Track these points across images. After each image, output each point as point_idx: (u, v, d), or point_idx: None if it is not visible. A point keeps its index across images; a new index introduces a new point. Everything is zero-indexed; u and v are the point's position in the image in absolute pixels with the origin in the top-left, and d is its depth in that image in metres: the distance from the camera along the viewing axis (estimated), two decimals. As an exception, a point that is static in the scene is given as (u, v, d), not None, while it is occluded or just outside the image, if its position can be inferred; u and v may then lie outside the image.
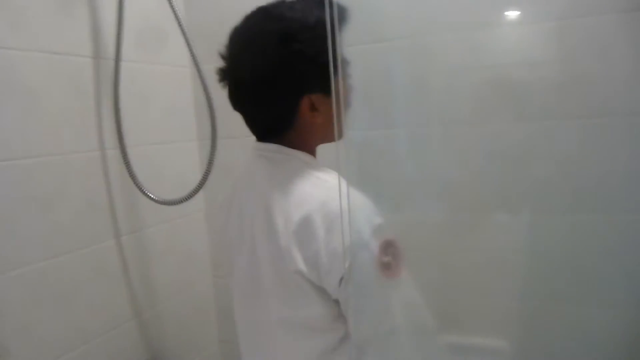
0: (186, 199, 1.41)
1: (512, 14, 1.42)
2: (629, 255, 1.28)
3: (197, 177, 1.44)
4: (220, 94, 0.92)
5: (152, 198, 1.40)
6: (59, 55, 1.26)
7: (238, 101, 0.89)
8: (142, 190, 1.39)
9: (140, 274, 1.52)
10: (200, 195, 1.52)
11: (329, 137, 0.89)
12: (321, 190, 0.81)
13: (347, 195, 0.79)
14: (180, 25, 1.35)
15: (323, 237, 0.77)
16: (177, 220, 1.67)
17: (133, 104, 1.47)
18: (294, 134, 0.87)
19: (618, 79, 1.30)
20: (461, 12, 1.38)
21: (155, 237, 1.58)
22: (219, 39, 0.89)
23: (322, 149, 0.92)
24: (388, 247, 0.79)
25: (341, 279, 0.77)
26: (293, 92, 0.83)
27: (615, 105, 1.31)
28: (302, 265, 0.78)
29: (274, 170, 0.86)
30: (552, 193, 1.35)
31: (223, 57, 0.89)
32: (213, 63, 0.90)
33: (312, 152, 0.90)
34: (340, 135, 0.86)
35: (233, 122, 0.99)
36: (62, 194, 1.27)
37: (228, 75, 0.89)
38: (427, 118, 1.47)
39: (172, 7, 1.35)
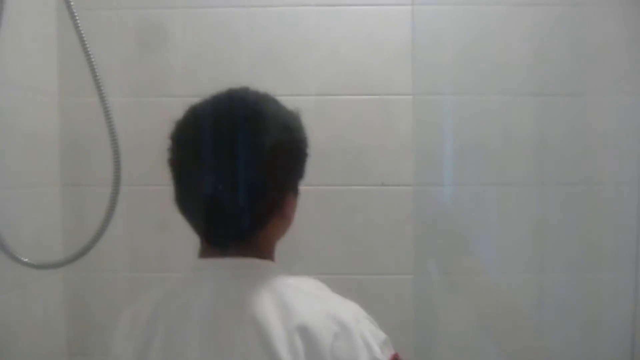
0: (71, 261, 1.10)
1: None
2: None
3: (57, 231, 1.15)
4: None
5: (24, 261, 1.06)
6: None
7: (214, 189, 0.68)
8: (8, 251, 1.04)
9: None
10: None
11: (280, 237, 0.78)
12: (321, 306, 0.69)
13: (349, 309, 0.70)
14: (84, 47, 1.11)
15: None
16: (32, 284, 1.30)
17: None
18: (262, 237, 0.73)
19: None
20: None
21: (7, 307, 1.20)
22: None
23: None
24: None
25: None
26: (287, 183, 0.73)
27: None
28: None
29: (255, 294, 0.68)
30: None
31: (182, 143, 0.70)
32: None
33: (273, 257, 0.77)
34: None
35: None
36: None
37: (202, 158, 0.69)
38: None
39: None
